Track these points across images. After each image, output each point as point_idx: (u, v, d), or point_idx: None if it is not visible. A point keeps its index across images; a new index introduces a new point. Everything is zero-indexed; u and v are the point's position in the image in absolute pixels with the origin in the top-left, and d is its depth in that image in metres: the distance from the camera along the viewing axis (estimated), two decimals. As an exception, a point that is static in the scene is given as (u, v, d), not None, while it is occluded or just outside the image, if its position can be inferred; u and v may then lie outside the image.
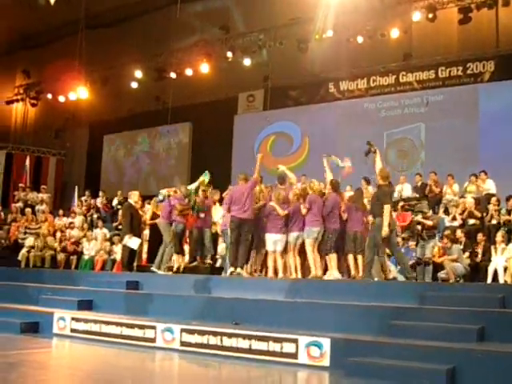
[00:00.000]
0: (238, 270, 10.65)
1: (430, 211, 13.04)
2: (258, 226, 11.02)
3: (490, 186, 14.11)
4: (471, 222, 13.19)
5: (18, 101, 27.77)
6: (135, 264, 13.04)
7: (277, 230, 10.61)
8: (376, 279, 9.95)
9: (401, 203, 14.34)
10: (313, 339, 7.39)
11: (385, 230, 9.64)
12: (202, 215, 12.25)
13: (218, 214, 12.80)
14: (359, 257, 10.61)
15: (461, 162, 16.68)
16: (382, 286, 9.61)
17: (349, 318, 8.01)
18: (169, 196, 12.49)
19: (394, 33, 18.03)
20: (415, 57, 19.19)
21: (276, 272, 10.67)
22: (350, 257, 10.65)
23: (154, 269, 11.86)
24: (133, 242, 12.38)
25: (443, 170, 15.33)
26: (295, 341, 7.49)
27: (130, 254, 12.74)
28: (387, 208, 9.68)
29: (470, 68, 18.26)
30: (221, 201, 12.80)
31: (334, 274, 10.22)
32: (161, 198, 12.52)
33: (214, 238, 12.91)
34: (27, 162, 23.96)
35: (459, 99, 18.04)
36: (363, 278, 9.90)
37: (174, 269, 12.09)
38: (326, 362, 7.25)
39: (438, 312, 7.73)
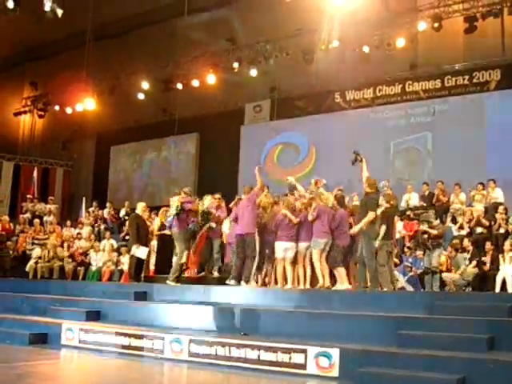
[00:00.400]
0: (242, 283, 10.71)
1: (437, 220, 13.00)
2: (268, 237, 11.05)
3: (498, 194, 14.08)
4: (479, 230, 13.17)
5: (25, 112, 27.99)
6: (143, 275, 13.07)
7: (288, 238, 10.60)
8: (385, 289, 9.93)
9: (408, 212, 14.35)
10: (322, 350, 7.35)
11: (353, 230, 10.04)
12: (213, 225, 12.32)
13: (226, 225, 12.85)
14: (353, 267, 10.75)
15: (468, 170, 16.63)
16: (391, 296, 9.57)
17: (358, 328, 7.98)
18: (182, 209, 12.21)
19: (400, 42, 18.08)
20: (421, 66, 19.21)
21: (285, 281, 10.65)
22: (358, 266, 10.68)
23: (169, 282, 11.67)
24: (140, 251, 12.41)
25: (450, 179, 15.34)
26: (304, 351, 7.45)
27: (138, 265, 12.78)
28: (371, 214, 9.88)
29: (476, 77, 18.25)
30: (229, 211, 12.85)
31: (344, 286, 10.23)
32: (174, 211, 12.29)
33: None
34: (35, 174, 24.07)
35: (465, 108, 18.02)
36: (372, 288, 9.87)
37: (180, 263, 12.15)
38: (335, 373, 7.20)
39: (447, 321, 7.69)
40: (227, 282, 10.91)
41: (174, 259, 12.08)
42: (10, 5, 15.82)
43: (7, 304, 12.60)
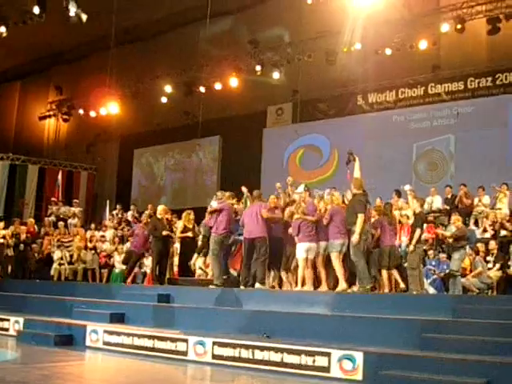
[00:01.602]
0: (257, 285, 10.78)
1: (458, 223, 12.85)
2: (280, 241, 11.11)
3: (523, 197, 13.96)
4: (503, 233, 13.05)
5: (50, 116, 28.34)
6: (167, 277, 13.17)
7: (309, 238, 10.59)
8: (414, 292, 9.96)
9: (429, 217, 14.27)
10: (345, 353, 7.35)
11: (356, 238, 9.78)
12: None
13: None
14: (394, 271, 10.67)
15: (491, 173, 16.51)
16: (415, 298, 9.56)
17: (381, 331, 7.97)
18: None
19: (423, 44, 17.98)
20: (444, 68, 19.09)
21: (304, 282, 10.66)
22: (384, 272, 10.68)
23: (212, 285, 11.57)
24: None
25: (473, 182, 15.22)
26: (328, 354, 7.46)
27: (161, 267, 12.90)
28: (361, 217, 9.82)
29: (499, 79, 18.10)
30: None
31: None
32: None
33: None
34: (59, 177, 24.32)
35: (489, 110, 17.88)
36: (360, 289, 9.84)
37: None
38: (359, 376, 7.20)
39: (471, 325, 7.65)
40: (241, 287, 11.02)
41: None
42: (36, 10, 16.05)
43: (33, 306, 12.78)
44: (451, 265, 11.51)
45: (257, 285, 10.79)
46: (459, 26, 17.28)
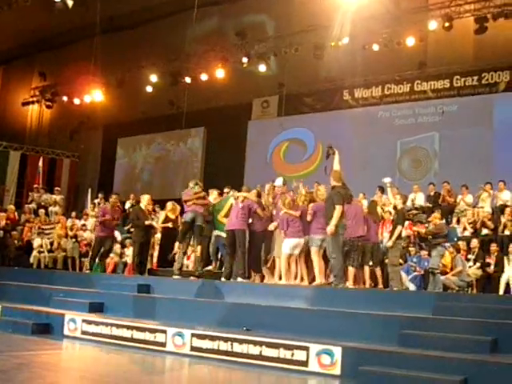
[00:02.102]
0: (238, 279, 10.80)
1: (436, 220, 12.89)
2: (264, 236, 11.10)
3: (506, 196, 14.02)
4: (484, 232, 13.13)
5: (33, 102, 28.06)
6: (147, 267, 13.09)
7: (295, 234, 10.51)
8: (395, 288, 9.97)
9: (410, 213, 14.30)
10: (324, 347, 7.34)
11: (331, 228, 9.67)
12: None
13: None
14: (377, 269, 10.71)
15: (474, 171, 16.60)
16: (395, 295, 9.58)
17: (360, 326, 7.97)
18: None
19: (410, 41, 18.03)
20: (430, 66, 19.16)
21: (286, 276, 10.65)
22: (366, 269, 10.69)
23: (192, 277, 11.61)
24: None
25: (457, 180, 15.29)
26: (306, 348, 7.45)
27: (142, 257, 12.82)
28: (338, 208, 9.73)
29: (485, 78, 18.20)
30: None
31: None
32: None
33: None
34: (40, 163, 24.08)
35: (474, 109, 17.98)
36: (336, 284, 9.80)
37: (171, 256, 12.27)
38: (337, 371, 7.20)
39: (450, 322, 7.67)
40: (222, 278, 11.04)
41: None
42: (22, -5, 15.88)
43: (11, 293, 12.64)
44: (430, 262, 11.56)
45: (238, 278, 10.80)
46: (447, 24, 17.33)
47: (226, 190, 12.80)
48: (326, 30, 18.38)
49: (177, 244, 12.66)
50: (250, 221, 11.09)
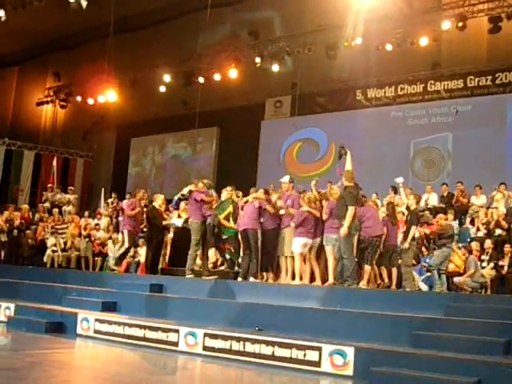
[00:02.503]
0: (251, 279, 10.88)
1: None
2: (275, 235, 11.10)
3: (521, 197, 13.94)
4: (498, 232, 13.04)
5: (47, 102, 28.21)
6: (160, 267, 13.13)
7: (310, 234, 10.54)
8: (408, 289, 9.95)
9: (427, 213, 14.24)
10: (336, 347, 7.33)
11: (344, 230, 9.70)
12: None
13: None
14: (394, 270, 10.69)
15: (487, 171, 16.50)
16: (408, 295, 9.56)
17: (373, 327, 7.96)
18: (186, 195, 12.24)
19: (423, 41, 17.94)
20: (444, 66, 19.07)
21: (294, 276, 10.65)
22: (384, 269, 10.72)
23: (187, 275, 11.55)
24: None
25: (469, 180, 15.22)
26: (319, 349, 7.44)
27: (154, 257, 12.85)
28: (351, 209, 9.75)
29: (498, 78, 18.10)
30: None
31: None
32: (179, 194, 12.36)
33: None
34: (54, 163, 24.21)
35: (487, 109, 17.88)
36: (349, 285, 9.79)
37: (211, 265, 12.11)
38: (350, 371, 7.19)
39: (463, 323, 7.64)
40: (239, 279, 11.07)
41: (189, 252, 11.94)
42: (36, -5, 15.97)
43: (24, 292, 12.73)
44: (431, 260, 11.53)
45: (250, 278, 10.84)
46: (460, 24, 17.21)
47: (228, 188, 12.77)
48: (339, 29, 18.32)
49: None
50: (262, 220, 11.11)
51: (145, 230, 15.14)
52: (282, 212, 10.97)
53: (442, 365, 6.67)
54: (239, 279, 11.04)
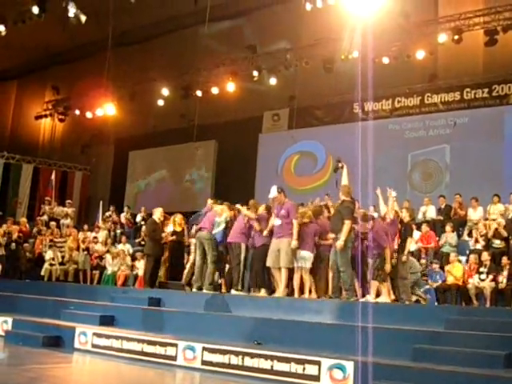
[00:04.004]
0: (232, 291, 10.99)
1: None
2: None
3: (519, 208, 13.93)
4: (496, 242, 12.98)
5: (46, 116, 28.25)
6: (158, 281, 13.09)
7: (310, 247, 10.55)
8: (407, 302, 9.93)
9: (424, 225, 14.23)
10: (336, 362, 7.29)
11: (340, 244, 9.72)
12: None
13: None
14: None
15: (485, 184, 16.50)
16: (407, 309, 9.52)
17: (373, 340, 7.91)
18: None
19: (420, 54, 18.04)
20: (440, 78, 19.14)
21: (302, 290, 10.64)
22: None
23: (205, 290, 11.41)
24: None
25: (467, 192, 15.22)
26: (318, 363, 7.40)
27: (153, 271, 12.82)
28: (347, 224, 9.80)
29: (495, 90, 18.13)
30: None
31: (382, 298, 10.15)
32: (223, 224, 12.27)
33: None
34: (53, 177, 24.18)
35: (484, 121, 17.91)
36: (347, 298, 9.80)
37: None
38: (349, 386, 7.16)
39: (463, 337, 7.60)
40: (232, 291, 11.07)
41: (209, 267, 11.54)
42: (35, 10, 15.99)
43: (22, 306, 12.70)
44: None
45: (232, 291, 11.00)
46: (457, 37, 17.32)
47: (209, 201, 12.79)
48: (336, 43, 18.43)
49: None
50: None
51: (142, 243, 15.16)
52: (277, 223, 10.80)
53: (443, 378, 6.64)
54: (232, 292, 11.00)
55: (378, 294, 10.30)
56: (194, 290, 11.62)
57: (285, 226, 10.60)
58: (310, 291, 10.59)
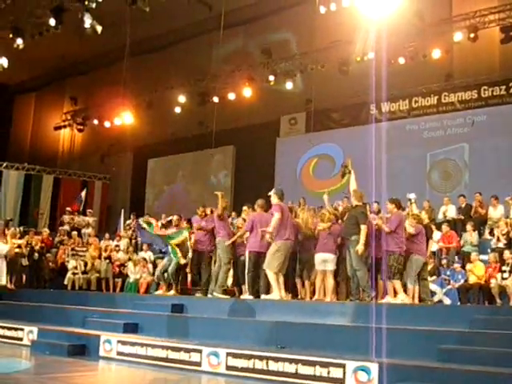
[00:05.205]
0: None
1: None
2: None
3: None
4: (519, 240, 12.91)
5: (65, 127, 28.61)
6: (179, 287, 13.14)
7: (328, 249, 10.60)
8: (429, 302, 9.91)
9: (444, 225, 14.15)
10: (360, 364, 7.27)
11: (361, 248, 9.79)
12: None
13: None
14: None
15: (504, 182, 16.37)
16: (431, 309, 9.49)
17: (397, 342, 7.87)
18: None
19: (436, 53, 17.99)
20: (457, 77, 19.05)
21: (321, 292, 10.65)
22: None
23: (215, 293, 11.52)
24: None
25: (487, 191, 15.12)
26: (342, 365, 7.38)
27: (177, 277, 12.87)
28: (364, 228, 9.88)
29: (512, 87, 18.03)
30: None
31: (400, 297, 10.10)
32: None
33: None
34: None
35: (502, 119, 17.78)
36: (364, 299, 9.84)
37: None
38: (374, 388, 7.15)
39: (488, 336, 7.56)
40: (247, 296, 11.06)
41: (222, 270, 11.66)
42: (52, 22, 16.14)
43: (46, 315, 12.80)
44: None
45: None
46: (472, 35, 17.25)
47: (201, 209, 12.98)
48: (350, 45, 18.44)
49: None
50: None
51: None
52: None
53: (469, 379, 6.58)
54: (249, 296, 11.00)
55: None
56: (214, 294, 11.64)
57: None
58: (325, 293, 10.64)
